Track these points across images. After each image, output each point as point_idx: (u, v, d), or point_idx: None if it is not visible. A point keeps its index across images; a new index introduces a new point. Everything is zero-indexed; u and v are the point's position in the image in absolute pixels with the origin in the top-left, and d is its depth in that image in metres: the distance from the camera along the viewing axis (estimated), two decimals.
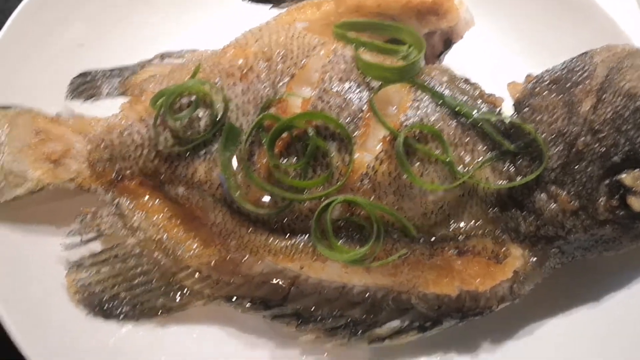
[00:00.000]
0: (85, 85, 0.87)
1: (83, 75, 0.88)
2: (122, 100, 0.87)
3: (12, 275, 0.74)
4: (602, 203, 0.76)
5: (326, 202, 0.73)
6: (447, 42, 0.96)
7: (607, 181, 0.76)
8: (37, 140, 0.78)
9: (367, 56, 0.83)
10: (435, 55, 0.97)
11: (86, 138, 0.81)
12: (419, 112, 0.78)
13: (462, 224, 0.77)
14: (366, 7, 0.91)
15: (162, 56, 0.90)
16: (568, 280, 0.83)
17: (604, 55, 0.79)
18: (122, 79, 0.88)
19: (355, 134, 0.77)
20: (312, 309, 0.79)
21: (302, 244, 0.76)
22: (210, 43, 0.92)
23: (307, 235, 0.76)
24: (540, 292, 0.82)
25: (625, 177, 0.76)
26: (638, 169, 0.75)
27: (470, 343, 0.82)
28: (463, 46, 0.99)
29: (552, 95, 0.78)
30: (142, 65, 0.89)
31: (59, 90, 0.88)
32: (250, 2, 0.94)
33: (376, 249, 0.74)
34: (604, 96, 0.76)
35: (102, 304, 0.76)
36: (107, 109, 0.86)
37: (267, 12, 0.94)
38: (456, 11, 0.93)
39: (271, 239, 0.76)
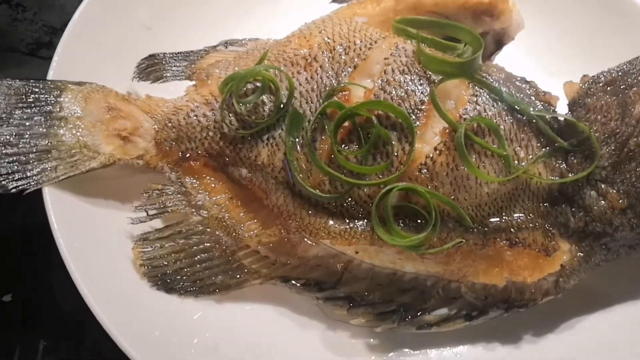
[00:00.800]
0: (153, 68, 0.90)
1: (150, 57, 0.91)
2: (186, 84, 0.91)
3: (84, 245, 0.77)
4: None
5: (387, 188, 0.76)
6: (499, 43, 0.99)
7: None
8: (109, 116, 0.82)
9: (427, 51, 0.86)
10: (487, 56, 1.00)
11: (154, 117, 0.85)
12: (477, 106, 0.81)
13: (514, 217, 0.80)
14: (424, 6, 0.94)
15: (227, 43, 0.94)
16: (610, 278, 0.87)
17: None
18: (189, 62, 0.91)
19: (415, 125, 0.80)
20: (364, 293, 0.82)
21: (360, 228, 0.79)
22: (272, 33, 0.96)
23: (366, 220, 0.79)
24: (583, 289, 0.85)
25: None
26: None
27: (512, 334, 0.85)
28: (512, 47, 1.03)
29: (607, 96, 0.81)
30: (208, 51, 0.93)
31: (127, 71, 0.91)
32: None
33: (432, 237, 0.77)
34: None
35: (165, 278, 0.79)
36: (170, 92, 0.90)
37: (327, 6, 0.98)
38: (510, 13, 0.96)
39: (330, 222, 0.79)
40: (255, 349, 0.79)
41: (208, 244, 0.81)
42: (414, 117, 0.80)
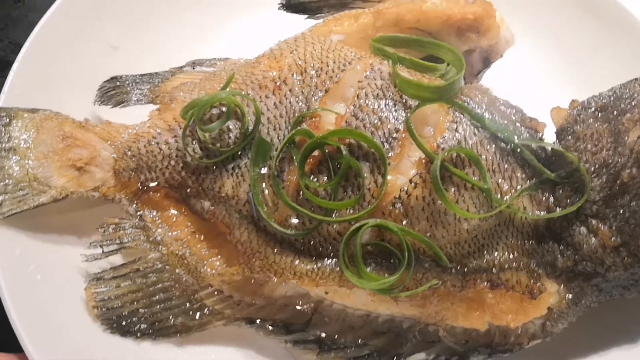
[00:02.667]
0: (115, 91, 0.85)
1: (113, 79, 0.86)
2: (151, 107, 0.85)
3: (31, 285, 0.72)
4: None
5: (356, 225, 0.71)
6: (486, 61, 0.93)
7: None
8: (63, 145, 0.76)
9: (405, 73, 0.80)
10: (474, 74, 0.94)
11: (113, 145, 0.79)
12: (457, 134, 0.75)
13: (496, 255, 0.74)
14: (405, 22, 0.88)
15: (194, 64, 0.88)
16: (604, 318, 0.80)
17: None
18: (152, 85, 0.85)
19: (389, 155, 0.74)
20: (335, 336, 0.76)
21: (329, 268, 0.73)
22: (244, 52, 0.89)
23: (335, 259, 0.74)
24: (574, 331, 0.79)
25: None
26: None
27: None
28: (502, 65, 0.97)
29: (598, 123, 0.75)
30: (173, 72, 0.87)
31: (90, 94, 0.86)
32: (285, 11, 0.91)
33: (406, 278, 0.71)
34: None
35: (120, 320, 0.74)
36: (136, 116, 0.84)
37: (303, 22, 0.92)
38: (497, 29, 0.90)
39: (297, 261, 0.74)
40: None
41: (167, 283, 0.76)
42: (388, 146, 0.74)
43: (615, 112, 0.75)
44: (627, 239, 0.73)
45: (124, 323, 0.74)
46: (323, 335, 0.76)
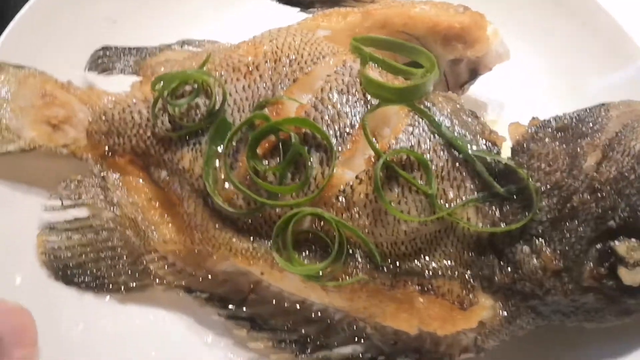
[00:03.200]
0: (103, 59, 0.90)
1: (103, 49, 0.91)
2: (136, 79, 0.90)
3: None
4: (588, 268, 0.70)
5: (293, 211, 0.72)
6: (474, 73, 0.93)
7: (598, 246, 0.70)
8: (41, 102, 0.82)
9: (376, 74, 0.80)
10: (459, 85, 0.93)
11: (90, 109, 0.84)
12: (411, 137, 0.75)
13: (432, 261, 0.73)
14: (393, 24, 0.88)
15: (183, 43, 0.92)
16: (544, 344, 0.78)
17: (620, 110, 0.73)
18: (139, 58, 0.90)
19: (341, 149, 0.75)
20: (267, 318, 0.78)
21: (263, 249, 0.74)
22: (237, 37, 0.92)
23: (270, 242, 0.75)
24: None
25: (619, 246, 0.69)
26: (635, 240, 0.69)
27: None
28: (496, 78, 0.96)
29: (555, 144, 0.73)
30: (161, 48, 0.91)
31: (83, 62, 0.91)
32: (278, 2, 0.94)
33: (335, 268, 0.71)
34: (611, 153, 0.70)
35: (66, 270, 0.78)
36: (126, 88, 0.89)
37: (299, 15, 0.94)
38: (486, 42, 0.89)
39: (235, 238, 0.75)
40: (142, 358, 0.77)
41: (116, 243, 0.80)
42: (340, 140, 0.75)
43: (575, 135, 0.73)
44: (570, 265, 0.70)
45: (69, 273, 0.78)
46: (256, 315, 0.78)
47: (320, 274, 0.72)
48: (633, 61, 0.92)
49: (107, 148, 0.82)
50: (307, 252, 0.74)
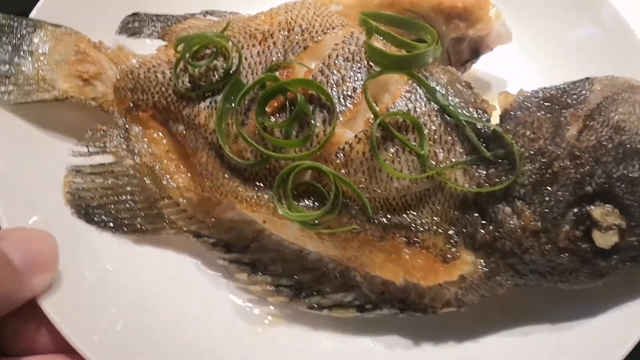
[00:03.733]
0: (133, 24, 0.98)
1: (133, 15, 0.99)
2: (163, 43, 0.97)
3: (18, 166, 0.85)
4: (565, 230, 0.75)
5: (294, 164, 0.78)
6: (475, 52, 0.98)
7: (575, 209, 0.75)
8: (75, 58, 0.90)
9: (381, 45, 0.86)
10: (461, 63, 0.99)
11: (119, 67, 0.92)
12: (408, 102, 0.81)
13: (420, 217, 0.79)
14: (400, 3, 0.94)
15: (207, 12, 0.99)
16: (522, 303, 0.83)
17: (604, 83, 0.78)
18: (165, 25, 0.97)
19: (343, 110, 0.81)
20: (267, 263, 0.85)
21: (266, 198, 0.81)
22: (258, 10, 0.99)
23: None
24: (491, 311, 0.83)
25: (594, 210, 0.74)
26: (609, 205, 0.74)
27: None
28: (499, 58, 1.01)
29: (541, 113, 0.78)
30: (186, 17, 0.98)
31: (115, 26, 0.99)
32: None
33: (330, 218, 0.78)
34: (591, 123, 0.75)
35: (88, 209, 0.86)
36: (153, 50, 0.97)
37: None
38: (488, 22, 0.95)
39: (241, 187, 0.82)
40: (156, 294, 0.84)
41: (135, 188, 0.87)
42: (343, 102, 0.81)
43: (560, 105, 0.78)
44: (548, 226, 0.76)
45: (90, 212, 0.86)
46: (257, 260, 0.85)
47: (317, 222, 0.78)
48: (627, 47, 0.97)
49: (131, 103, 0.90)
50: (306, 202, 0.80)
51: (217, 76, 0.87)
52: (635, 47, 0.98)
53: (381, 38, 0.87)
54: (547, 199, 0.76)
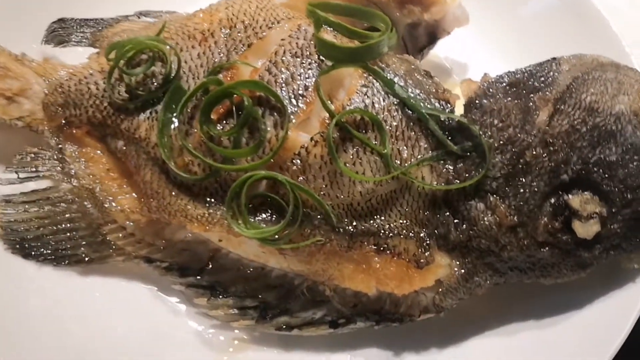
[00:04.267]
0: (60, 32, 0.90)
1: (60, 21, 0.90)
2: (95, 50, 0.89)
3: None
4: (543, 222, 0.70)
5: (247, 175, 0.72)
6: (432, 37, 0.92)
7: (552, 200, 0.70)
8: None
9: (331, 37, 0.80)
10: (418, 49, 0.93)
11: (47, 81, 0.83)
12: (365, 98, 0.75)
13: (388, 221, 0.73)
14: None
15: (141, 14, 0.92)
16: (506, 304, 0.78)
17: (572, 63, 0.73)
18: (96, 30, 0.89)
19: (296, 111, 0.74)
20: (227, 285, 0.78)
21: (219, 214, 0.74)
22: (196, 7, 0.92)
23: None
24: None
25: (573, 199, 0.70)
26: (588, 192, 0.70)
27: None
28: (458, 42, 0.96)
29: (507, 99, 0.73)
30: (118, 20, 0.91)
31: (40, 35, 0.90)
32: None
33: (290, 231, 0.71)
34: (562, 107, 0.70)
35: (23, 243, 0.78)
36: (84, 58, 0.88)
37: None
38: (443, 4, 0.89)
39: (190, 205, 0.75)
40: (106, 329, 0.77)
41: (75, 214, 0.80)
42: (295, 103, 0.75)
43: (527, 90, 0.73)
44: (524, 220, 0.71)
45: (27, 246, 0.78)
46: (216, 282, 0.78)
47: (277, 237, 0.72)
48: (585, 17, 0.93)
49: (63, 120, 0.82)
50: (263, 215, 0.73)
51: (155, 83, 0.79)
52: (592, 14, 0.95)
53: (331, 29, 0.80)
54: (521, 191, 0.71)
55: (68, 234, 0.79)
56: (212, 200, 0.75)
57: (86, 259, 0.79)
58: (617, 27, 0.93)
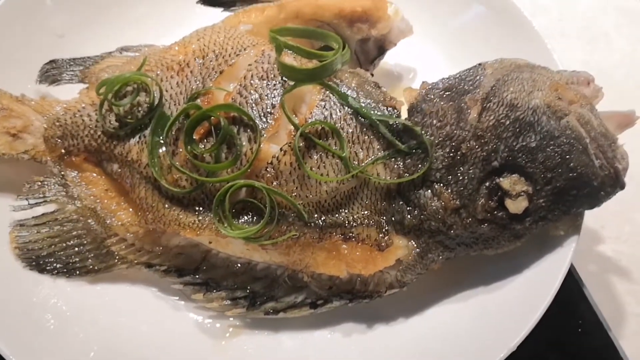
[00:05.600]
0: (52, 71, 1.00)
1: (51, 62, 1.01)
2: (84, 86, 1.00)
3: None
4: (481, 203, 0.83)
5: (228, 185, 0.83)
6: (381, 49, 1.05)
7: (487, 183, 0.83)
8: (0, 116, 0.92)
9: (291, 59, 0.92)
10: (370, 61, 1.05)
11: (45, 117, 0.94)
12: (324, 110, 0.87)
13: (351, 213, 0.85)
14: (304, 14, 1.00)
15: (122, 49, 1.03)
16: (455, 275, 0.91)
17: (494, 67, 0.86)
18: (84, 67, 1.00)
19: (266, 127, 0.86)
20: (219, 280, 0.90)
21: (207, 220, 0.86)
22: (172, 39, 1.02)
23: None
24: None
25: (503, 181, 0.82)
26: (515, 174, 0.82)
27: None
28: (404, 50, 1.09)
29: (443, 102, 0.86)
30: (103, 57, 1.02)
31: (35, 75, 1.01)
32: (203, 4, 1.05)
33: (269, 229, 0.83)
34: (488, 105, 0.83)
35: (38, 260, 0.89)
36: (75, 93, 0.99)
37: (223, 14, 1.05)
38: (388, 20, 1.01)
39: (182, 214, 0.87)
40: (118, 328, 0.89)
41: (80, 232, 0.91)
42: (264, 119, 0.87)
43: (459, 92, 0.86)
44: (465, 202, 0.84)
45: (41, 262, 0.89)
46: (210, 279, 0.90)
47: (258, 235, 0.84)
48: (510, 21, 1.06)
49: (63, 150, 0.93)
50: (245, 217, 0.85)
51: (141, 111, 0.91)
52: (516, 17, 1.07)
53: (291, 52, 0.93)
54: (460, 178, 0.83)
55: (76, 249, 0.90)
56: (201, 208, 0.87)
57: (94, 269, 0.90)
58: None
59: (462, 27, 1.13)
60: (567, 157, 0.81)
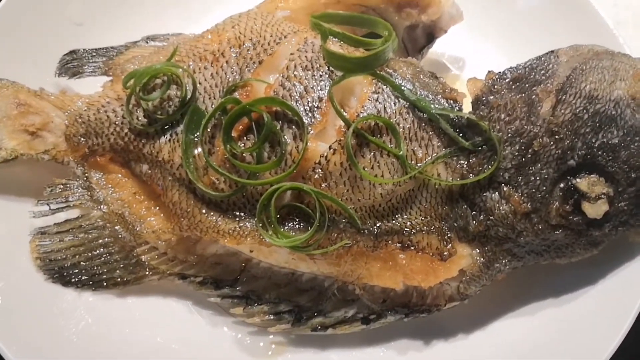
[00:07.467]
0: (72, 63, 0.92)
1: (71, 53, 0.93)
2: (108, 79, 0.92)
3: None
4: (555, 207, 0.75)
5: (273, 188, 0.75)
6: (430, 37, 0.96)
7: (561, 185, 0.75)
8: (17, 112, 0.84)
9: (337, 47, 0.83)
10: (418, 49, 0.97)
11: (66, 113, 0.86)
12: (377, 104, 0.79)
13: (409, 219, 0.77)
14: None
15: (148, 38, 0.94)
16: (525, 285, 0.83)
17: (569, 54, 0.78)
18: (107, 58, 0.92)
19: (312, 122, 0.78)
20: (261, 292, 0.82)
21: (249, 227, 0.78)
22: (201, 28, 0.94)
23: (256, 219, 0.78)
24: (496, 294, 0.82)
25: (581, 182, 0.74)
26: (594, 175, 0.74)
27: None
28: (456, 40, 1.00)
29: (512, 94, 0.77)
30: (128, 46, 0.94)
31: (54, 67, 0.93)
32: None
33: (319, 237, 0.75)
34: (564, 97, 0.75)
35: (62, 271, 0.81)
36: (98, 89, 0.91)
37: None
38: (438, 5, 0.93)
39: (221, 220, 0.79)
40: (150, 346, 0.81)
41: (107, 239, 0.83)
42: (311, 114, 0.78)
43: (529, 83, 0.77)
44: (537, 206, 0.75)
45: (65, 274, 0.81)
46: (250, 291, 0.82)
47: (307, 243, 0.75)
48: (579, 11, 0.96)
49: (87, 149, 0.85)
50: (291, 224, 0.77)
51: (173, 106, 0.83)
52: (585, 5, 0.98)
53: (336, 40, 0.84)
54: (532, 179, 0.75)
55: (103, 259, 0.82)
56: (241, 214, 0.79)
57: (123, 280, 0.82)
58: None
59: (516, 15, 1.03)
60: None
